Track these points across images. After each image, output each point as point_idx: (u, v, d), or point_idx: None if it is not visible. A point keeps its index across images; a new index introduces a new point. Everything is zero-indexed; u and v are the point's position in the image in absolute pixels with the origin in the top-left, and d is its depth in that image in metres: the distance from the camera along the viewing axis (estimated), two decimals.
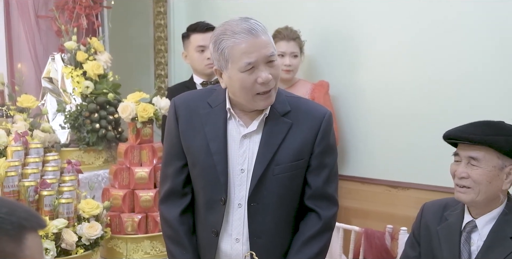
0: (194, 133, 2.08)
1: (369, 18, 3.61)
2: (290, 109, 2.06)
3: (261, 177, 2.02)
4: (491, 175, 2.10)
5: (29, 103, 3.29)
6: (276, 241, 2.09)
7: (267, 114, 2.04)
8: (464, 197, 2.13)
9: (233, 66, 1.93)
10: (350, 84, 3.70)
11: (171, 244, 2.16)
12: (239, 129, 2.06)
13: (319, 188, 2.08)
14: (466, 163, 2.13)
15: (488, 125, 2.14)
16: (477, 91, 3.20)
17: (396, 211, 3.51)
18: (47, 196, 2.58)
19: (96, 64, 3.43)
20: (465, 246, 2.17)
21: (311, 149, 2.05)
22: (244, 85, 1.94)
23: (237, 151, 2.05)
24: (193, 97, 2.15)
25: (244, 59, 1.91)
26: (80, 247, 2.60)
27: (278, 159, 2.02)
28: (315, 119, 2.06)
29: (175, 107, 2.12)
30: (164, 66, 4.67)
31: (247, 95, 1.96)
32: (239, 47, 1.91)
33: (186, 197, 2.15)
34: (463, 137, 2.12)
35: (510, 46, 3.11)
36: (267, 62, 1.95)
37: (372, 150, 3.65)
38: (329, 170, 2.09)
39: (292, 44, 3.56)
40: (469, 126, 2.15)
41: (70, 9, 3.67)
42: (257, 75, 1.93)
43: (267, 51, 1.94)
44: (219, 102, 2.08)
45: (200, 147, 2.06)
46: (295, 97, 2.15)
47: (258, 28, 1.93)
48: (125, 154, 3.01)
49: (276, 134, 2.03)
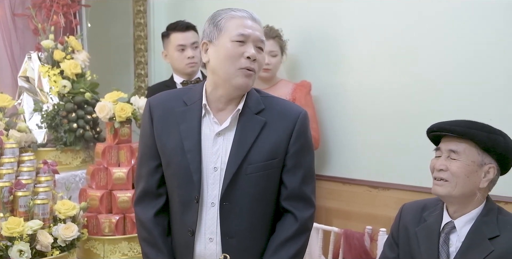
0: (168, 132, 2.07)
1: (352, 17, 3.60)
2: (264, 107, 2.06)
3: (234, 176, 2.00)
4: (469, 169, 2.11)
5: (5, 102, 3.25)
6: (250, 242, 2.07)
7: (240, 110, 2.04)
8: (441, 190, 2.13)
9: (225, 35, 1.99)
10: (332, 84, 3.69)
11: (146, 246, 2.13)
12: (213, 127, 2.05)
13: (295, 189, 2.06)
14: (446, 156, 2.14)
15: (472, 122, 2.16)
16: (460, 91, 3.20)
17: (377, 211, 3.51)
18: (22, 197, 2.54)
19: (74, 63, 3.40)
20: (443, 247, 2.16)
21: (285, 149, 2.04)
22: (230, 54, 1.98)
23: (211, 149, 2.04)
24: (168, 97, 2.14)
25: (238, 30, 1.99)
26: (55, 248, 2.58)
27: (250, 158, 2.01)
28: (289, 118, 2.05)
29: (150, 107, 2.11)
30: (144, 65, 4.64)
31: (230, 67, 1.98)
32: (237, 20, 2.00)
33: (160, 198, 2.14)
34: (446, 128, 2.14)
35: (495, 46, 3.11)
36: (257, 46, 2.02)
37: (353, 150, 3.65)
38: (305, 170, 2.07)
39: (271, 43, 3.54)
40: (454, 121, 2.18)
41: (47, 7, 3.63)
42: (245, 49, 1.99)
43: (261, 35, 2.03)
44: (194, 99, 2.08)
45: (174, 145, 2.05)
46: (270, 97, 2.14)
47: (257, 17, 2.06)
48: (102, 154, 2.98)
49: (249, 131, 2.02)
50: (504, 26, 3.08)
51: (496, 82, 3.10)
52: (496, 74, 3.10)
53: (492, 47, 3.11)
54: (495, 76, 3.11)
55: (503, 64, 3.08)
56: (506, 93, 3.08)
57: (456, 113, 3.08)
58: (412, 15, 3.37)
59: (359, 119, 3.61)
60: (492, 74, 3.12)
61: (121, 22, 4.65)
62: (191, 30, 3.62)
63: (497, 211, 2.17)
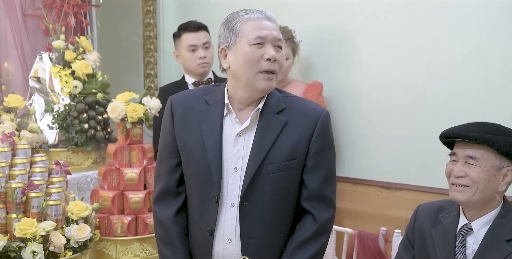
0: (190, 131, 2.06)
1: (365, 18, 3.59)
2: (285, 107, 2.05)
3: (254, 176, 1.99)
4: (489, 174, 2.08)
5: (16, 103, 3.25)
6: (269, 242, 2.05)
7: (260, 109, 2.03)
8: (461, 196, 2.10)
9: (242, 40, 1.98)
10: (344, 85, 3.68)
11: (163, 246, 2.13)
12: (235, 127, 2.04)
13: (315, 189, 2.05)
14: (463, 162, 2.11)
15: (486, 125, 2.12)
16: (473, 92, 3.18)
17: (388, 212, 3.49)
18: (34, 198, 2.54)
19: (85, 63, 3.39)
20: (460, 250, 2.14)
21: (306, 149, 2.03)
22: (250, 58, 1.97)
23: (232, 149, 2.03)
24: (190, 96, 2.14)
25: (255, 32, 1.97)
26: (68, 249, 2.58)
27: (271, 158, 2.00)
28: (311, 118, 2.04)
29: (171, 106, 2.11)
30: (153, 65, 4.63)
31: (250, 71, 1.97)
32: (252, 23, 1.99)
33: (179, 196, 2.12)
34: (462, 135, 2.10)
35: (507, 46, 3.09)
36: (275, 46, 2.01)
37: (365, 151, 3.63)
38: (326, 171, 2.06)
39: (283, 46, 3.51)
40: (467, 125, 2.14)
41: (58, 7, 3.62)
42: (264, 51, 1.98)
43: (278, 34, 2.02)
44: (216, 100, 2.07)
45: (195, 144, 2.04)
46: (291, 96, 2.13)
47: (271, 15, 2.05)
48: (114, 155, 2.98)
49: (269, 131, 2.01)
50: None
51: (509, 82, 3.09)
52: (509, 74, 3.08)
53: (505, 47, 3.09)
54: (508, 76, 3.09)
55: None
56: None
57: (469, 113, 3.06)
58: (425, 16, 3.35)
59: (371, 120, 3.59)
60: (505, 74, 3.10)
61: (131, 22, 4.65)
62: (202, 30, 3.61)
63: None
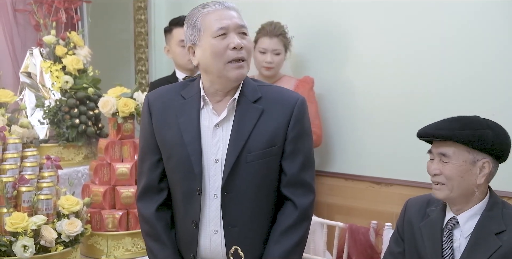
0: (168, 126, 2.07)
1: (357, 14, 3.60)
2: (261, 96, 2.06)
3: (234, 165, 2.00)
4: (462, 170, 2.08)
5: (7, 98, 3.23)
6: (253, 231, 2.07)
7: (236, 99, 2.03)
8: (439, 193, 2.13)
9: (205, 34, 1.98)
10: (336, 81, 3.69)
11: (150, 241, 2.14)
12: (212, 119, 2.05)
13: (294, 175, 2.06)
14: (438, 160, 2.13)
15: (458, 120, 2.12)
16: (462, 89, 3.21)
17: (379, 207, 3.51)
18: (25, 192, 2.53)
19: (76, 58, 3.38)
20: (447, 243, 2.15)
21: (284, 135, 2.04)
22: (215, 51, 1.97)
23: (211, 141, 2.04)
24: (166, 91, 2.16)
25: (216, 24, 1.98)
26: (59, 244, 2.56)
27: (250, 146, 2.01)
28: (287, 105, 2.05)
29: (148, 103, 2.13)
30: (144, 61, 4.63)
31: (219, 63, 1.98)
32: (211, 15, 1.99)
33: (162, 192, 2.14)
34: (430, 133, 2.12)
35: (498, 43, 3.11)
36: (239, 33, 2.01)
37: (356, 146, 3.65)
38: (304, 156, 2.07)
39: (275, 41, 3.52)
40: (440, 123, 2.14)
41: (48, 3, 3.61)
42: (228, 41, 1.98)
43: (240, 21, 2.02)
44: (192, 93, 2.09)
45: (174, 139, 2.05)
46: (267, 85, 2.15)
47: (230, 4, 2.04)
48: (105, 150, 2.97)
49: (247, 120, 2.02)
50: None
51: (498, 78, 3.11)
52: (499, 70, 3.11)
53: (498, 44, 3.12)
54: (499, 71, 3.11)
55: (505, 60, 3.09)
56: (509, 88, 3.08)
57: (460, 108, 3.07)
58: (417, 12, 3.37)
59: (362, 115, 3.60)
60: (496, 70, 3.12)
61: (122, 18, 4.64)
62: None
63: (502, 205, 2.16)
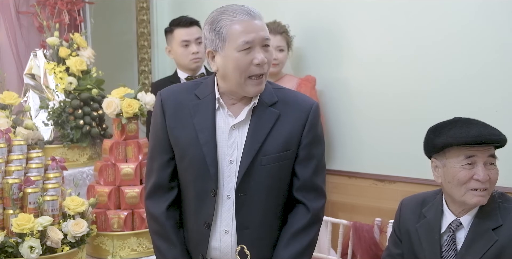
0: (182, 125, 2.06)
1: (358, 13, 3.61)
2: (278, 100, 2.06)
3: (249, 167, 2.01)
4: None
5: (11, 100, 3.25)
6: (264, 233, 2.08)
7: (255, 103, 2.04)
8: (484, 200, 2.09)
9: (229, 45, 1.94)
10: (337, 79, 3.70)
11: (158, 240, 2.14)
12: (228, 120, 2.05)
13: (307, 180, 2.08)
14: (482, 165, 2.08)
15: (485, 125, 2.12)
16: (465, 86, 3.21)
17: (383, 204, 3.51)
18: (31, 194, 2.54)
19: (79, 60, 3.40)
20: (451, 247, 2.14)
21: (298, 140, 2.05)
22: (239, 65, 1.95)
23: (226, 142, 2.04)
24: (179, 90, 2.14)
25: (242, 37, 1.93)
26: (65, 244, 2.58)
27: (265, 150, 2.02)
28: (302, 110, 2.06)
29: (161, 100, 2.10)
30: (147, 62, 4.64)
31: (240, 77, 1.96)
32: (238, 26, 1.94)
33: (172, 191, 2.14)
34: (495, 139, 2.07)
35: (501, 41, 3.12)
36: (263, 46, 1.97)
37: (358, 144, 3.65)
38: (317, 161, 2.09)
39: (278, 38, 3.55)
40: (484, 128, 2.09)
41: (51, 4, 3.63)
42: (253, 56, 1.95)
43: (265, 33, 1.98)
44: (206, 93, 2.07)
45: (188, 139, 2.04)
46: (282, 89, 2.15)
47: (255, 12, 1.99)
48: (110, 151, 2.98)
49: (263, 124, 2.03)
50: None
51: (500, 75, 3.12)
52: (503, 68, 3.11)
53: (500, 41, 3.13)
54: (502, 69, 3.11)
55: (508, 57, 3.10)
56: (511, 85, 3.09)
57: (460, 106, 3.09)
58: (418, 10, 3.38)
59: (364, 113, 3.61)
60: (499, 68, 3.13)
61: (124, 19, 4.65)
62: (195, 25, 3.62)
63: (498, 197, 2.15)
